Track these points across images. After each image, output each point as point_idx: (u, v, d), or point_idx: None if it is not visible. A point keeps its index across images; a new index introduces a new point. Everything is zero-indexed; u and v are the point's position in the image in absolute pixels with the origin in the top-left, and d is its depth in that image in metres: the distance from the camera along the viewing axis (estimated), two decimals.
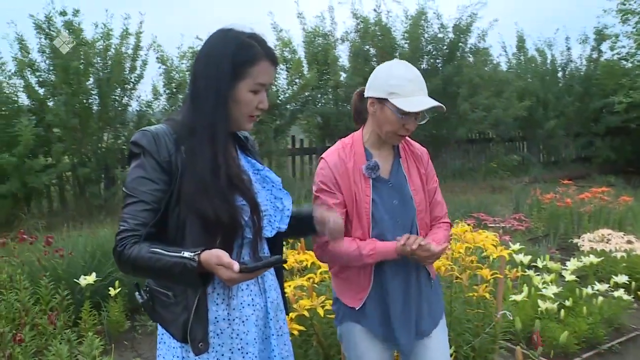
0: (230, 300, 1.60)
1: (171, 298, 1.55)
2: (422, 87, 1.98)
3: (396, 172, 2.08)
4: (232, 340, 1.60)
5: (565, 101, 14.80)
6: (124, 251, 1.46)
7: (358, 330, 2.08)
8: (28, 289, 3.79)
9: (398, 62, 2.04)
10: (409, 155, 2.13)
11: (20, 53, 8.41)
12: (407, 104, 1.92)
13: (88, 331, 3.67)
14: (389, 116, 1.97)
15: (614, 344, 3.95)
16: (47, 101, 8.51)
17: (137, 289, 1.65)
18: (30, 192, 8.13)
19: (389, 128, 1.99)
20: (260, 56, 1.58)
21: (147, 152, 1.53)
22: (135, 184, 1.52)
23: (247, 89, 1.57)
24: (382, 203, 2.02)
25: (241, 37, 1.58)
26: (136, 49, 9.16)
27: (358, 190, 2.01)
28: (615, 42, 15.40)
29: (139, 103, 9.52)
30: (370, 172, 2.03)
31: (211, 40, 1.61)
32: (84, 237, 5.23)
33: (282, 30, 11.52)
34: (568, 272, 4.33)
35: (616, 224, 6.78)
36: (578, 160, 16.07)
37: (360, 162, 2.04)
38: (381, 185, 2.04)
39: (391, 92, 1.94)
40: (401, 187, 2.06)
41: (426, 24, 12.56)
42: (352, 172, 2.03)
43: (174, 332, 1.55)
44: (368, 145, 2.09)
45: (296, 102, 11.05)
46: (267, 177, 1.71)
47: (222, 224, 1.51)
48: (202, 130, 1.55)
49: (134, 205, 1.50)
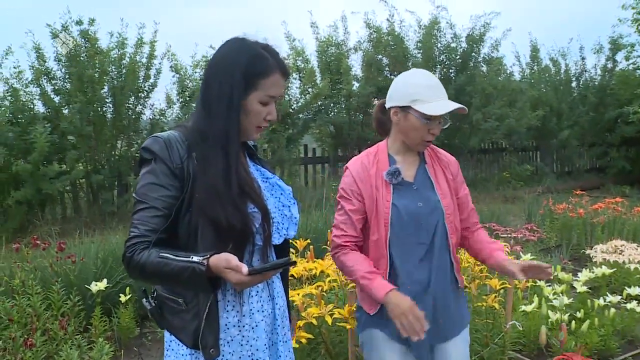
0: (241, 307, 1.60)
1: (182, 305, 1.54)
2: (442, 91, 2.04)
3: (421, 177, 2.11)
4: (242, 347, 1.60)
5: (579, 111, 14.71)
6: (133, 257, 1.47)
7: (378, 336, 2.10)
8: (40, 294, 3.82)
9: (416, 70, 2.10)
10: (435, 162, 2.17)
11: (37, 61, 8.52)
12: (430, 108, 1.97)
13: (98, 337, 3.69)
14: (413, 123, 2.01)
15: (626, 357, 3.90)
16: (62, 109, 8.62)
17: (145, 296, 1.65)
18: (45, 198, 8.21)
19: (414, 135, 2.04)
20: (273, 68, 1.58)
21: (158, 158, 1.53)
22: (146, 190, 1.52)
23: (257, 100, 1.58)
24: (405, 207, 2.03)
25: (255, 48, 1.59)
26: (150, 57, 9.26)
27: (379, 195, 2.05)
28: (630, 51, 15.30)
29: (153, 111, 9.63)
30: (391, 178, 2.05)
31: (225, 49, 1.61)
32: (96, 244, 5.27)
33: (295, 40, 11.60)
34: (579, 283, 4.29)
35: (630, 235, 6.71)
36: (592, 170, 15.95)
37: (383, 169, 2.08)
38: (405, 188, 2.07)
39: (413, 99, 1.99)
40: (426, 191, 2.09)
41: (439, 34, 12.57)
42: (374, 178, 2.07)
43: (184, 339, 1.55)
44: (392, 153, 2.13)
45: (309, 111, 11.09)
46: (276, 185, 1.72)
47: (234, 231, 1.51)
48: (215, 137, 1.55)
49: (144, 212, 1.50)
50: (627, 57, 15.45)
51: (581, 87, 15.57)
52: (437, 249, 2.04)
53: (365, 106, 11.77)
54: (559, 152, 15.39)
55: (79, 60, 8.49)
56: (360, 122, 11.80)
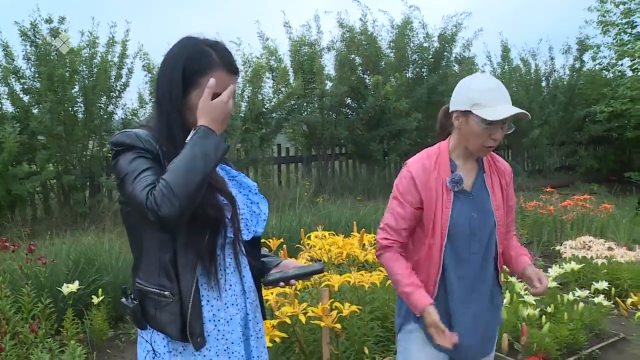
0: (215, 302, 1.61)
1: (169, 297, 1.54)
2: (504, 95, 2.00)
3: (479, 186, 2.10)
4: (218, 342, 1.61)
5: (549, 110, 14.96)
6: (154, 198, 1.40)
7: (418, 337, 2.13)
8: (9, 297, 3.76)
9: (478, 74, 2.10)
10: (493, 170, 2.16)
11: (5, 60, 8.36)
12: (491, 113, 1.94)
13: (70, 339, 3.65)
14: (474, 128, 1.99)
15: (594, 349, 3.99)
16: (32, 108, 8.46)
17: (125, 295, 1.63)
18: (14, 199, 8.07)
19: (475, 140, 2.01)
20: (214, 65, 1.56)
21: (133, 146, 1.52)
22: (139, 164, 1.49)
23: (199, 98, 1.54)
24: (460, 215, 2.04)
25: (198, 44, 1.58)
26: (122, 56, 9.14)
27: (439, 201, 2.04)
28: (596, 52, 15.66)
29: (125, 111, 9.50)
30: (454, 185, 2.05)
31: (172, 48, 1.62)
32: (67, 245, 5.20)
33: (268, 39, 11.57)
34: (550, 279, 4.38)
35: (597, 231, 6.86)
36: (562, 168, 16.25)
37: (445, 173, 2.06)
38: (463, 197, 2.06)
39: (474, 104, 1.97)
40: (483, 201, 2.08)
41: (412, 34, 12.66)
42: (435, 183, 2.06)
43: (172, 332, 1.55)
44: (454, 157, 2.11)
45: (282, 110, 11.07)
46: (242, 183, 1.73)
47: (209, 220, 1.53)
48: (164, 135, 1.56)
49: (144, 173, 1.46)
50: (594, 58, 15.83)
51: (551, 87, 15.84)
52: (487, 260, 2.08)
53: (338, 105, 11.82)
54: (529, 150, 15.63)
55: (49, 59, 8.36)
56: (333, 122, 11.82)
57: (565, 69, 16.05)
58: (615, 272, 5.14)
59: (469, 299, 2.07)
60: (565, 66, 16.08)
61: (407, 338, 2.17)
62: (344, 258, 3.69)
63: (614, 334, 4.29)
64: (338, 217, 6.90)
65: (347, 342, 3.29)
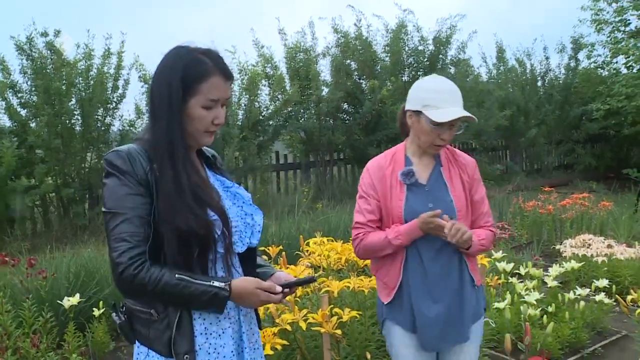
0: (208, 315, 1.61)
1: (154, 315, 1.55)
2: (455, 98, 2.10)
3: (436, 179, 2.19)
4: (209, 355, 1.61)
5: (546, 109, 14.99)
6: (139, 274, 1.47)
7: (395, 330, 2.21)
8: (10, 312, 3.75)
9: (432, 76, 2.19)
10: (452, 164, 2.24)
11: (2, 74, 8.38)
12: (439, 115, 2.04)
13: (72, 353, 3.64)
14: (424, 127, 2.10)
15: (596, 348, 4.00)
16: (30, 122, 8.47)
17: (115, 310, 1.65)
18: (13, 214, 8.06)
19: (425, 138, 2.13)
20: (211, 72, 1.59)
21: (123, 171, 1.54)
22: (122, 201, 1.51)
23: (199, 105, 1.58)
24: (416, 207, 2.12)
25: (193, 53, 1.60)
26: (118, 68, 9.14)
27: (392, 194, 2.15)
28: (591, 51, 15.73)
29: (122, 122, 9.49)
30: (405, 178, 2.15)
31: (165, 58, 1.63)
32: (68, 258, 5.20)
33: (263, 47, 11.57)
34: (550, 278, 4.39)
35: (597, 229, 6.87)
36: (560, 167, 16.27)
37: (399, 169, 2.17)
38: (416, 189, 2.16)
39: (425, 105, 2.08)
40: (439, 193, 2.17)
41: (406, 37, 12.67)
42: (390, 178, 2.17)
43: (159, 348, 1.56)
44: (409, 154, 2.23)
45: (279, 117, 11.08)
46: (237, 194, 1.73)
47: (196, 236, 1.53)
48: (161, 145, 1.57)
49: (127, 223, 1.49)
50: (589, 56, 15.90)
51: (546, 86, 15.87)
52: (449, 248, 2.12)
53: (335, 111, 11.83)
54: (527, 150, 15.65)
55: (46, 72, 8.37)
56: (330, 127, 11.83)
57: (561, 68, 16.11)
58: (615, 270, 5.15)
59: (431, 289, 2.12)
60: (560, 65, 16.15)
61: (388, 333, 2.27)
62: (343, 263, 3.70)
63: (616, 332, 4.29)
64: (337, 222, 6.90)
65: (349, 348, 3.28)
